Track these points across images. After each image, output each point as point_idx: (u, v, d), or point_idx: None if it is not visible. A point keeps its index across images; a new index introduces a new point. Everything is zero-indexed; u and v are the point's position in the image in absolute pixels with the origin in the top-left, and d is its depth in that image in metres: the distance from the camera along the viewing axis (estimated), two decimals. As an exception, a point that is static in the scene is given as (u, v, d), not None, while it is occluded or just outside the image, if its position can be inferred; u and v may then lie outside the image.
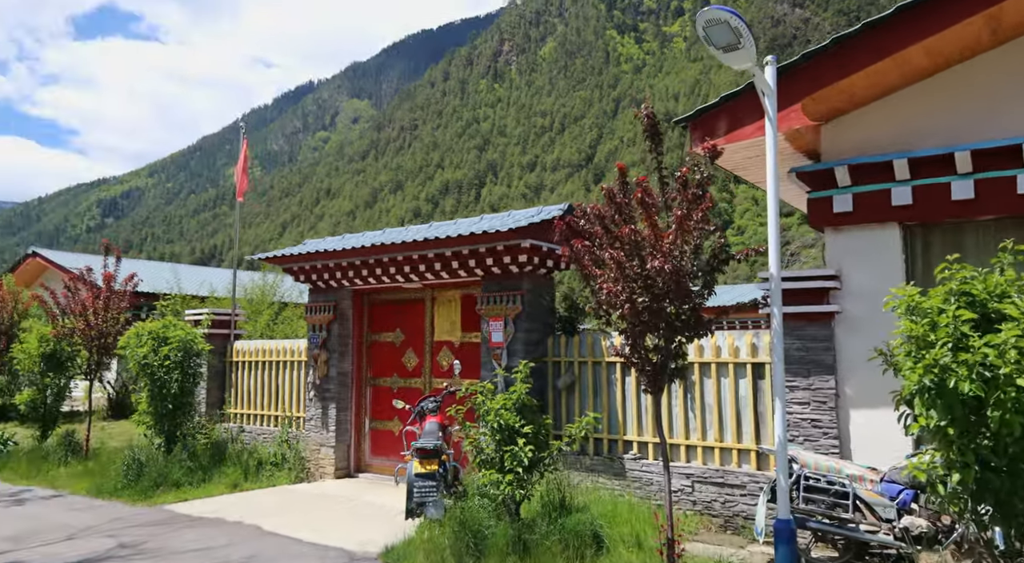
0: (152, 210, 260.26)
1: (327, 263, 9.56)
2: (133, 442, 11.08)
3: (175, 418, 9.81)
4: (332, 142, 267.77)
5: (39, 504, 8.80)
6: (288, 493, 9.09)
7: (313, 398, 10.05)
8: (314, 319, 10.06)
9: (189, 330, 9.95)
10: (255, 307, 17.72)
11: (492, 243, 7.91)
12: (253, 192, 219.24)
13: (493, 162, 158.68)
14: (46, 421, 12.38)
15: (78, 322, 10.71)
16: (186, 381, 9.71)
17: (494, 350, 8.11)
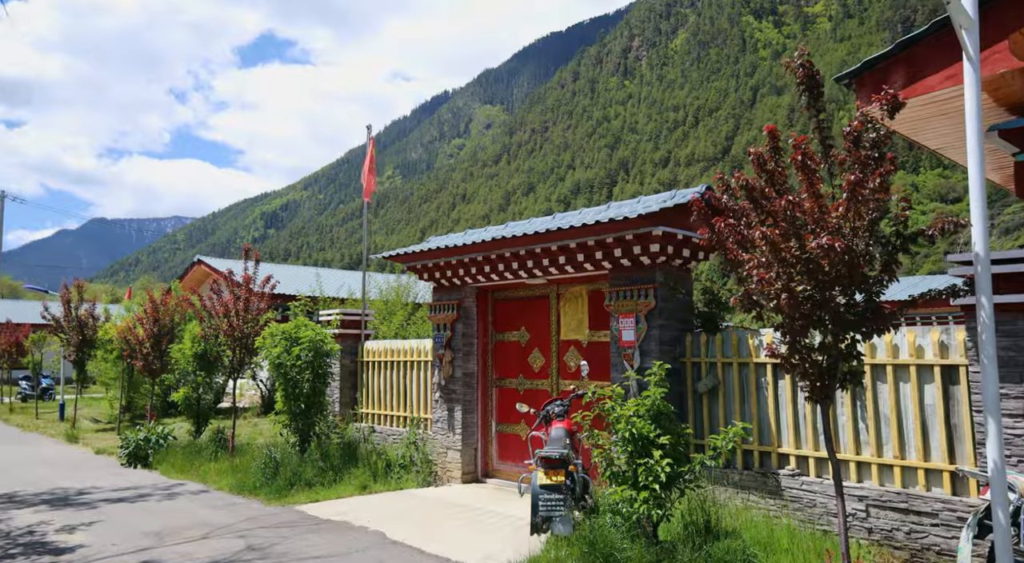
0: (306, 220, 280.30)
1: (449, 260, 9.24)
2: (275, 440, 11.37)
3: (308, 417, 9.89)
4: (467, 148, 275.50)
5: (187, 499, 9.11)
6: (414, 498, 8.84)
7: (439, 399, 9.78)
8: (438, 318, 9.79)
9: (319, 330, 10.00)
10: (389, 308, 18.01)
11: (620, 232, 7.19)
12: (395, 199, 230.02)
13: (625, 160, 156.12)
14: (199, 417, 13.08)
15: (221, 323, 11.14)
16: (317, 381, 9.75)
17: (625, 350, 7.38)
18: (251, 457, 10.92)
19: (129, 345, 15.04)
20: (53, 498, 9.31)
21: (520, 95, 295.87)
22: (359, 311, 11.92)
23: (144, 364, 14.82)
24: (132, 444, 12.18)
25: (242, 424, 17.27)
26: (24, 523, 7.83)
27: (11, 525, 7.77)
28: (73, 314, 18.59)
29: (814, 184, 3.93)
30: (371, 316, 12.44)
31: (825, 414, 4.30)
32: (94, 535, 7.23)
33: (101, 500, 9.12)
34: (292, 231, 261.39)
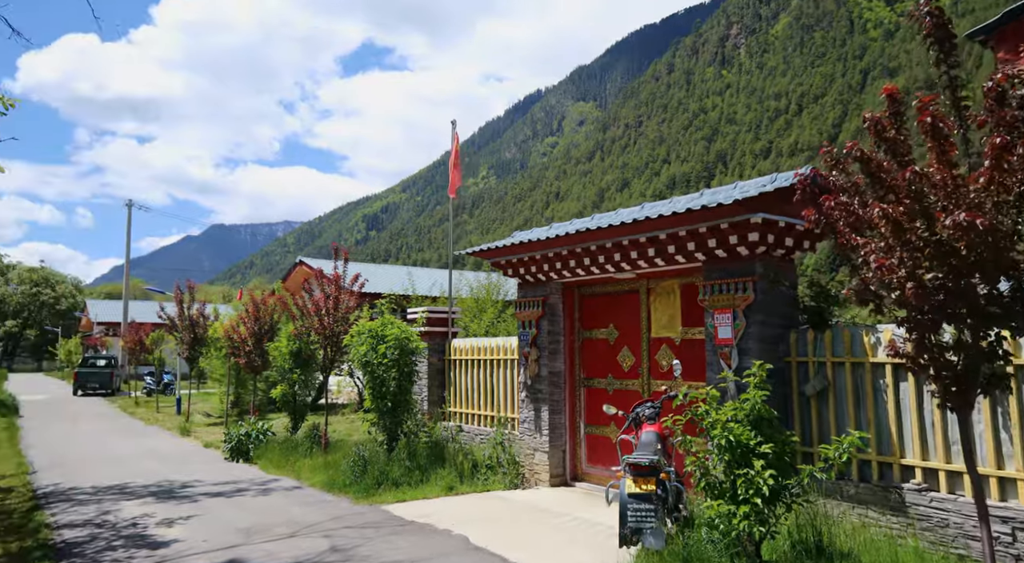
0: (405, 222, 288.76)
1: (533, 254, 8.91)
2: (365, 440, 11.43)
3: (395, 416, 9.84)
4: (560, 146, 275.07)
5: (280, 496, 9.25)
6: (501, 501, 8.57)
7: (525, 399, 9.48)
8: (523, 315, 9.49)
9: (404, 328, 9.93)
10: (480, 305, 17.92)
11: (715, 220, 6.62)
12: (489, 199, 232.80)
13: (723, 152, 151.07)
14: (296, 414, 13.39)
15: (313, 321, 11.31)
16: (403, 379, 9.68)
17: (721, 348, 6.80)
18: (343, 454, 11.02)
19: (233, 343, 15.66)
20: (159, 490, 9.69)
21: (613, 90, 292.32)
22: (446, 308, 11.81)
23: (247, 361, 15.38)
24: (234, 439, 12.61)
25: (339, 421, 17.68)
26: (130, 515, 8.14)
27: (118, 516, 8.10)
28: (185, 313, 19.64)
29: (946, 152, 3.32)
30: (458, 313, 12.31)
31: (963, 423, 3.66)
32: (189, 530, 7.39)
33: (201, 494, 9.40)
34: (392, 232, 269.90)
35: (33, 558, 6.37)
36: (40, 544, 6.87)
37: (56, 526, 7.69)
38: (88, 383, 31.30)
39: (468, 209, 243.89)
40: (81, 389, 31.22)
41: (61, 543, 6.95)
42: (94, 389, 31.25)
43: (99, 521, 7.90)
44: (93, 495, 9.44)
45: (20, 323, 75.56)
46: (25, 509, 8.61)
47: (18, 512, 8.49)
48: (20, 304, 76.17)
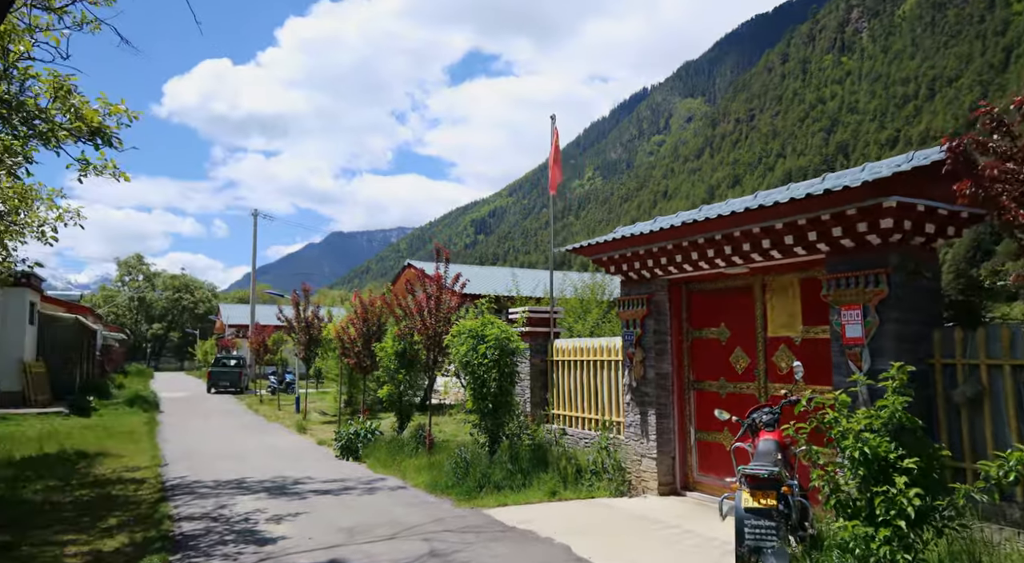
0: (512, 225, 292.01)
1: (636, 250, 8.45)
2: (467, 441, 11.33)
3: (497, 418, 9.66)
4: (667, 144, 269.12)
5: (384, 495, 9.28)
6: (606, 509, 8.16)
7: (630, 402, 9.02)
8: (627, 314, 9.04)
9: (505, 328, 9.73)
10: (584, 306, 17.53)
11: (840, 206, 5.94)
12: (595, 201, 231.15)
13: (843, 143, 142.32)
14: (402, 414, 13.53)
15: (416, 322, 11.34)
16: (504, 380, 9.48)
17: (850, 348, 6.09)
18: (447, 455, 10.98)
19: (343, 344, 16.11)
20: (273, 486, 9.99)
21: (723, 85, 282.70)
22: (547, 308, 11.53)
23: (356, 362, 15.76)
24: (344, 438, 12.89)
25: (446, 421, 17.80)
26: (243, 510, 8.39)
27: (233, 511, 8.37)
28: (301, 316, 20.48)
29: None
30: (560, 313, 11.99)
31: None
32: (296, 527, 7.49)
33: (310, 491, 9.60)
34: (499, 236, 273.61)
35: (153, 549, 6.63)
36: (161, 535, 7.17)
37: (177, 518, 8.04)
38: (220, 382, 33.46)
39: (574, 211, 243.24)
40: (214, 387, 33.42)
41: (179, 535, 7.23)
42: (225, 387, 33.36)
43: (215, 515, 8.19)
44: (213, 489, 9.86)
45: (165, 326, 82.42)
46: (153, 500, 9.09)
47: (147, 503, 8.97)
48: (164, 308, 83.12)
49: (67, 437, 15.05)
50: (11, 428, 16.59)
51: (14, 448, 13.30)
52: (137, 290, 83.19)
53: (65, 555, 6.64)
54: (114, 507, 8.75)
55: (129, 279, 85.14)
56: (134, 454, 13.35)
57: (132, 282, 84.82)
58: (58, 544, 7.01)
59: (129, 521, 7.99)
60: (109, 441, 14.87)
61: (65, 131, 7.96)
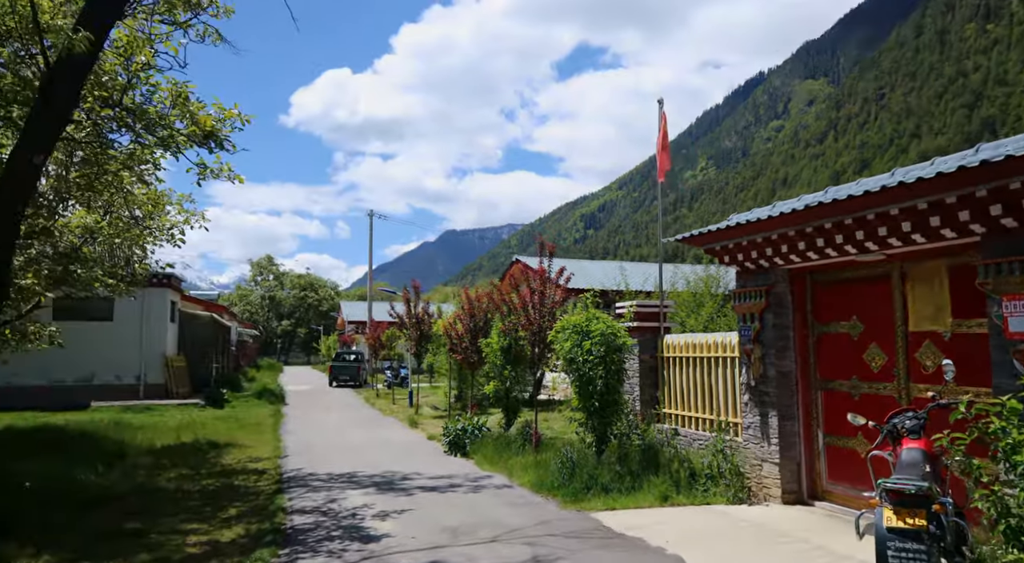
0: (622, 219, 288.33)
1: (754, 238, 7.78)
2: (574, 440, 10.99)
3: (603, 416, 9.26)
4: (786, 129, 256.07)
5: (489, 494, 9.12)
6: (723, 518, 7.58)
7: (748, 402, 8.35)
8: (743, 308, 8.36)
9: (611, 323, 9.30)
10: (697, 299, 16.73)
11: (1002, 180, 5.10)
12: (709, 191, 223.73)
13: (990, 119, 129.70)
14: (509, 410, 13.39)
15: (520, 317, 11.12)
16: (610, 377, 9.07)
17: (1015, 345, 5.23)
18: (554, 453, 10.71)
19: (451, 340, 16.21)
20: (382, 481, 10.09)
21: (847, 64, 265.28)
22: (657, 302, 10.97)
23: (464, 357, 15.81)
24: (452, 434, 12.91)
25: (556, 418, 17.53)
26: (352, 505, 8.48)
27: (342, 506, 8.47)
28: (412, 312, 20.88)
29: None
30: (671, 307, 11.39)
31: None
32: (400, 525, 7.45)
33: (417, 487, 9.60)
34: (610, 230, 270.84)
35: (265, 542, 6.77)
36: (273, 528, 7.33)
37: (290, 511, 8.23)
38: (340, 376, 34.97)
39: (686, 202, 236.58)
40: (335, 381, 34.96)
41: (290, 529, 7.36)
42: (345, 381, 34.82)
43: (325, 509, 8.32)
44: (326, 482, 10.08)
45: (293, 323, 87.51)
46: (271, 492, 9.40)
47: (264, 494, 9.28)
48: (292, 306, 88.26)
49: (201, 427, 16.06)
50: (155, 418, 17.95)
51: (156, 437, 14.31)
52: (268, 289, 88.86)
53: (187, 544, 6.91)
54: (235, 497, 9.11)
55: (261, 279, 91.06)
56: (258, 445, 14.00)
57: (263, 282, 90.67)
58: (182, 533, 7.33)
59: (247, 512, 8.27)
60: (238, 432, 15.72)
61: (183, 136, 8.31)
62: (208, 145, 8.31)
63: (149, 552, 6.62)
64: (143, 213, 12.20)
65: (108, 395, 21.27)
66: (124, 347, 22.04)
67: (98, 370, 21.76)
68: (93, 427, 15.18)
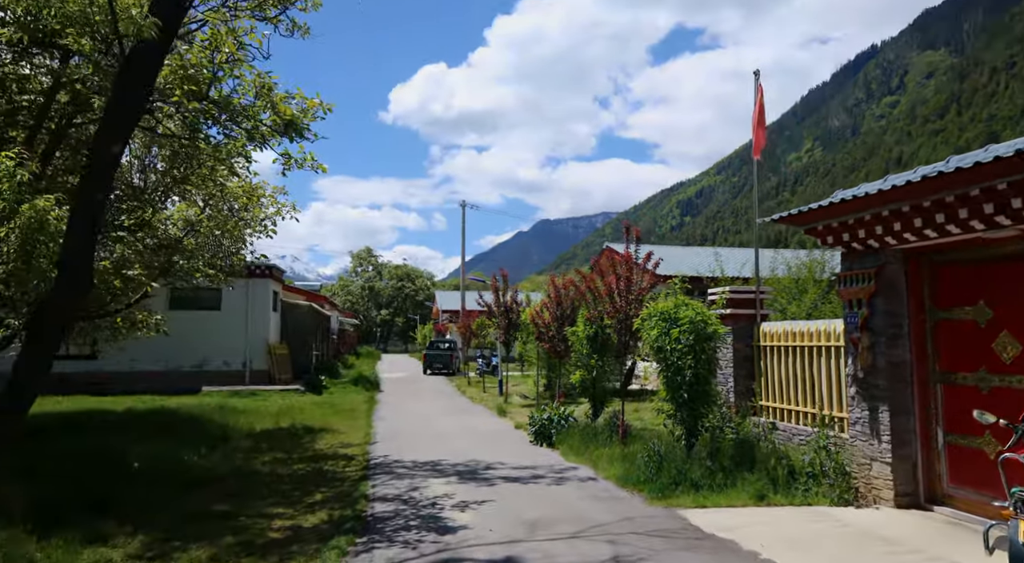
0: (721, 204, 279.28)
1: (861, 215, 7.04)
2: (662, 432, 10.50)
3: (693, 408, 8.73)
4: (901, 105, 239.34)
5: (573, 487, 8.82)
6: (826, 521, 6.94)
7: (855, 395, 7.61)
8: (849, 292, 7.61)
9: (701, 310, 8.75)
10: (799, 286, 15.70)
11: None
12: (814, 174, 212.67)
13: None
14: (596, 400, 13.01)
15: (606, 304, 10.71)
16: (700, 367, 8.52)
17: None
18: (642, 446, 10.29)
19: (538, 328, 15.96)
20: (465, 470, 9.99)
21: (973, 31, 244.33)
22: (752, 288, 10.27)
23: (551, 346, 15.53)
24: (537, 423, 12.69)
25: (646, 408, 16.98)
26: (433, 494, 8.40)
27: (424, 495, 8.40)
28: (500, 300, 20.80)
29: None
30: (768, 293, 10.65)
31: None
32: (480, 516, 7.28)
33: (500, 477, 9.42)
34: (707, 216, 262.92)
35: (344, 529, 6.76)
36: (354, 515, 7.34)
37: (372, 498, 8.24)
38: (434, 364, 35.56)
39: (790, 186, 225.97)
40: (429, 369, 35.58)
41: (370, 516, 7.35)
42: (438, 369, 35.37)
43: (406, 497, 8.27)
44: (410, 470, 10.09)
45: (391, 312, 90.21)
46: (356, 478, 9.49)
47: (350, 480, 9.38)
48: (390, 296, 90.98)
49: (299, 412, 16.61)
50: (258, 403, 18.76)
51: (256, 421, 14.90)
52: (367, 280, 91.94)
53: (271, 528, 7.02)
54: (323, 483, 9.26)
55: (361, 270, 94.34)
56: (350, 431, 14.30)
57: (363, 273, 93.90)
58: (268, 517, 7.47)
59: (331, 498, 8.35)
60: (332, 418, 16.14)
61: (267, 127, 8.43)
62: (289, 134, 8.38)
63: (234, 535, 6.76)
64: (239, 205, 12.63)
65: (217, 380, 22.45)
66: (231, 335, 23.18)
67: (209, 357, 23.00)
68: (200, 411, 15.99)
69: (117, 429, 12.95)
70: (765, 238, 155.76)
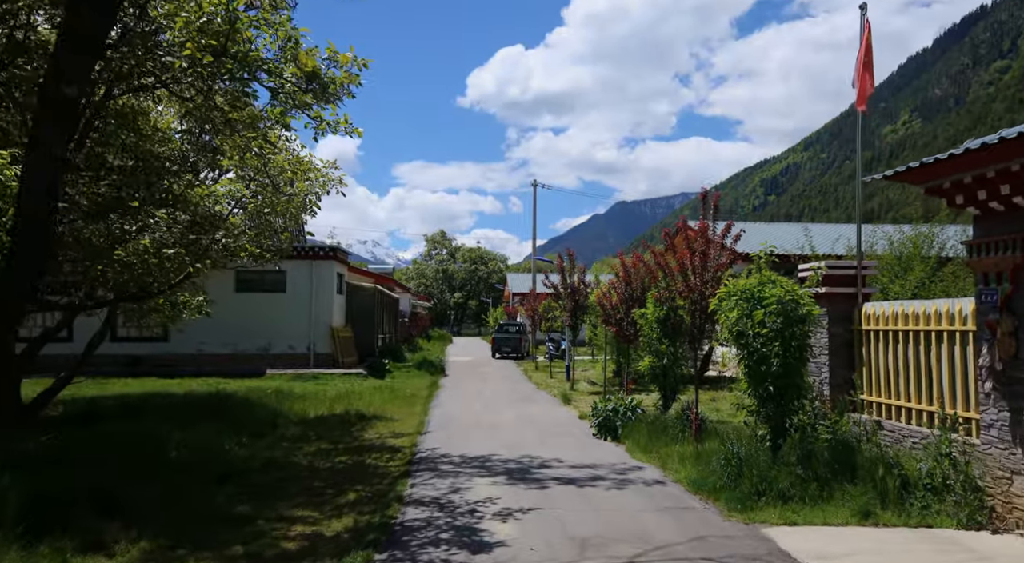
0: (808, 182, 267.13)
1: (1007, 165, 5.49)
2: (742, 430, 9.14)
3: (780, 403, 7.37)
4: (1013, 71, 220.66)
5: (636, 493, 7.65)
6: (954, 549, 5.52)
7: (992, 392, 6.09)
8: (985, 264, 6.06)
9: (790, 288, 7.34)
10: (903, 263, 13.83)
11: None
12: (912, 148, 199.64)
13: None
14: (666, 389, 11.74)
15: (677, 282, 9.41)
16: (789, 355, 7.14)
17: None
18: (719, 443, 9.00)
19: (605, 311, 14.74)
20: (516, 468, 8.98)
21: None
22: (852, 263, 8.72)
23: (618, 330, 14.30)
24: (601, 415, 11.55)
25: (724, 398, 15.51)
26: (474, 498, 7.41)
27: (464, 498, 7.42)
28: (567, 282, 19.64)
29: None
30: (871, 269, 9.06)
31: None
32: (521, 529, 6.24)
33: (553, 479, 8.35)
34: (792, 195, 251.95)
35: (366, 541, 5.88)
36: (381, 524, 6.47)
37: (407, 500, 7.34)
38: (502, 347, 34.75)
39: (884, 160, 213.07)
40: (497, 352, 34.81)
41: (398, 525, 6.44)
42: (507, 353, 34.55)
43: (444, 501, 7.32)
44: (456, 467, 9.15)
45: (464, 295, 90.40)
46: (397, 475, 8.64)
47: (389, 477, 8.53)
48: (464, 279, 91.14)
49: (357, 398, 16.03)
50: (318, 387, 18.36)
51: (312, 407, 14.37)
52: (441, 262, 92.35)
53: (287, 536, 6.24)
54: (361, 479, 8.44)
55: (435, 253, 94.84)
56: (404, 418, 13.55)
57: (438, 256, 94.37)
58: (289, 521, 6.70)
59: (364, 499, 7.52)
60: (389, 404, 15.46)
61: (290, 83, 7.56)
62: (314, 89, 7.47)
63: (245, 544, 5.99)
64: (283, 180, 11.93)
65: (282, 364, 22.31)
66: (296, 318, 22.97)
67: (274, 340, 22.87)
68: (257, 395, 15.63)
69: (171, 413, 12.61)
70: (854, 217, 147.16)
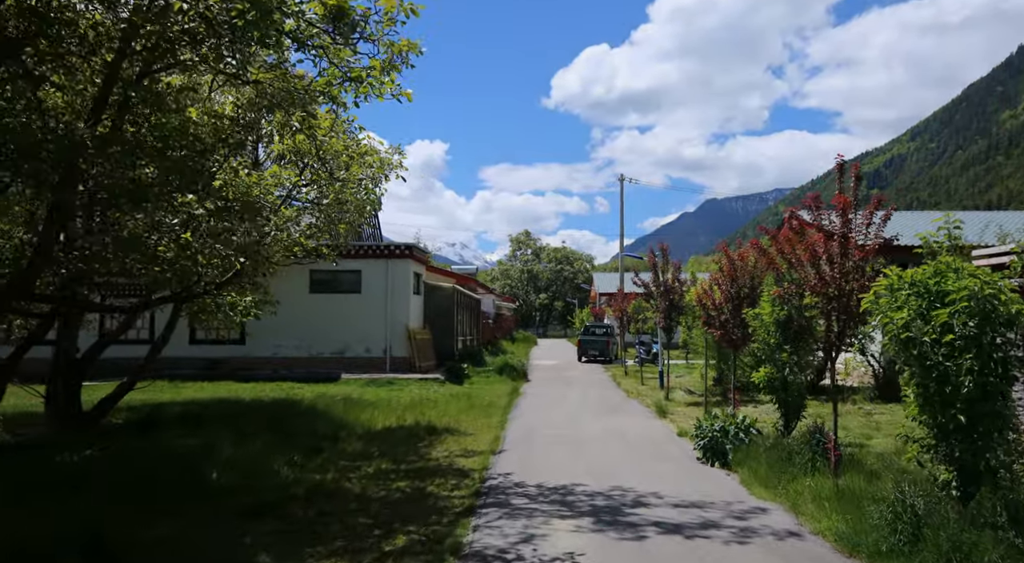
0: (915, 175, 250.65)
1: None
2: (910, 471, 7.03)
3: (973, 439, 5.31)
4: None
5: (765, 551, 5.79)
6: None
7: None
8: None
9: (987, 277, 5.28)
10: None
11: None
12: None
13: None
14: (788, 406, 9.68)
15: (808, 274, 7.43)
16: (988, 373, 5.09)
17: None
18: (866, 480, 6.98)
19: (706, 311, 12.77)
20: (605, 506, 7.25)
21: None
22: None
23: (723, 333, 12.29)
24: (707, 435, 9.64)
25: (848, 413, 13.21)
26: (551, 553, 5.76)
27: (538, 553, 5.77)
28: (659, 279, 17.69)
29: None
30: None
31: None
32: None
33: (653, 524, 6.58)
34: (897, 188, 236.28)
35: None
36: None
37: (464, 554, 5.77)
38: (589, 350, 32.87)
39: (1003, 148, 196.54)
40: (584, 356, 32.96)
41: (447, 592, 4.87)
42: (593, 356, 32.64)
43: (512, 557, 5.70)
44: (531, 501, 7.53)
45: (550, 296, 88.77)
46: (460, 510, 7.14)
47: (451, 514, 7.03)
48: (549, 280, 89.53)
49: (431, 406, 14.74)
50: (392, 393, 17.19)
51: (380, 417, 13.14)
52: (526, 263, 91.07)
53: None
54: (415, 516, 6.95)
55: (520, 254, 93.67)
56: (479, 432, 12.08)
57: (522, 256, 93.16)
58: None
59: (413, 546, 6.01)
60: (464, 414, 14.03)
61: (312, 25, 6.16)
62: (339, 27, 6.04)
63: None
64: (336, 165, 10.67)
65: (358, 368, 21.37)
66: (372, 320, 22.01)
67: (350, 343, 21.98)
68: (325, 403, 14.59)
69: (232, 422, 11.67)
70: (973, 209, 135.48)
